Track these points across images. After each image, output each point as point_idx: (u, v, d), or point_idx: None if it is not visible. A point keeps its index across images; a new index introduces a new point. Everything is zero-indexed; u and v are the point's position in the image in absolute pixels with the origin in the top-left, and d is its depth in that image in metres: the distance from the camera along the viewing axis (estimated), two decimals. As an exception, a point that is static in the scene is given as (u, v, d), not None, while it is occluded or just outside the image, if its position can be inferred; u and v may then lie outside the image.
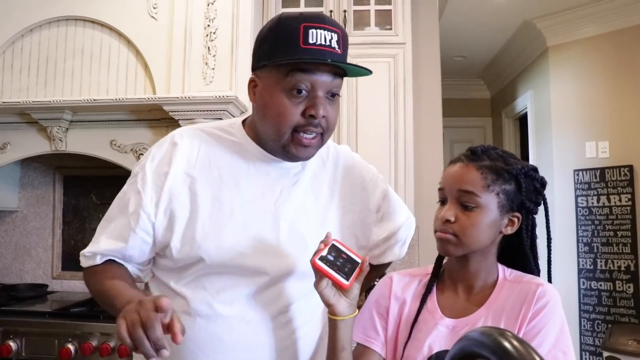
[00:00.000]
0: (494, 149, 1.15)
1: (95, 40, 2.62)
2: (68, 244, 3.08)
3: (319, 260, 1.05)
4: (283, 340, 1.22)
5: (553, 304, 1.07)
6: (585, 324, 3.92)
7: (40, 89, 2.63)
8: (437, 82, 3.19)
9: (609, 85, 3.94)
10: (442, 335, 1.12)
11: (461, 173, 1.11)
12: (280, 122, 1.14)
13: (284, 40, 1.12)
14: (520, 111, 5.11)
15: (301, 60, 1.10)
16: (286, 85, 1.12)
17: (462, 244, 1.10)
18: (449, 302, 1.17)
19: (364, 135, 2.77)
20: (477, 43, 4.85)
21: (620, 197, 3.79)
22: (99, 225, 1.25)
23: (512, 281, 1.14)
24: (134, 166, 1.26)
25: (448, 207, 1.11)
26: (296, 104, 1.13)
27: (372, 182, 1.37)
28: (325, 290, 1.08)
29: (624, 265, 3.74)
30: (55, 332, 2.32)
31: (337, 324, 1.10)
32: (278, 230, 1.21)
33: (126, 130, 2.57)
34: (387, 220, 1.37)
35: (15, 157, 2.69)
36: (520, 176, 1.11)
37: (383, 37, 2.86)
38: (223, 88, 2.45)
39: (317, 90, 1.13)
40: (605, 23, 3.94)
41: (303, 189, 1.26)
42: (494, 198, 1.09)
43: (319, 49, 1.10)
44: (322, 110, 1.13)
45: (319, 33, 1.10)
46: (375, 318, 1.21)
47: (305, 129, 1.14)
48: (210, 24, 2.50)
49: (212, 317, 1.18)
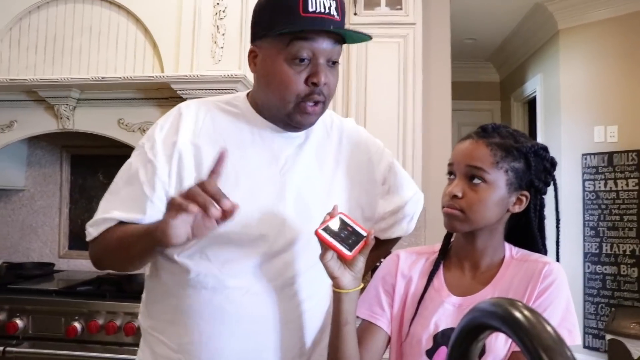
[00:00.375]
0: (505, 127, 1.15)
1: (103, 18, 2.60)
2: (75, 223, 3.08)
3: (322, 230, 1.05)
4: (289, 312, 1.22)
5: (559, 282, 1.07)
6: (589, 307, 3.94)
7: (48, 67, 2.61)
8: (447, 64, 3.17)
9: (619, 69, 3.90)
10: (449, 313, 1.12)
11: (471, 149, 1.11)
12: (284, 91, 1.15)
13: (283, 8, 1.12)
14: (529, 95, 5.07)
15: (303, 30, 1.10)
16: (288, 55, 1.13)
17: (468, 220, 1.10)
18: (455, 280, 1.17)
19: (373, 116, 2.75)
20: (487, 25, 4.81)
21: (627, 181, 3.78)
22: (104, 199, 1.22)
23: (518, 260, 1.15)
24: (141, 139, 1.26)
25: (456, 183, 1.11)
26: (298, 72, 1.14)
27: (378, 154, 1.37)
28: (330, 262, 1.08)
29: (629, 249, 3.74)
30: (61, 311, 2.33)
31: (341, 297, 1.10)
32: (284, 199, 1.21)
33: (134, 109, 2.56)
34: (393, 194, 1.37)
35: (22, 136, 2.68)
36: (530, 155, 1.10)
37: (393, 17, 2.83)
38: (232, 67, 2.42)
39: (318, 58, 1.14)
40: (617, 6, 3.89)
41: (308, 158, 1.27)
42: (503, 175, 1.09)
43: (319, 17, 1.10)
44: (324, 77, 1.14)
45: (317, 0, 1.10)
46: (382, 295, 1.21)
47: (309, 97, 1.15)
48: (220, 3, 2.47)
49: (217, 289, 1.17)
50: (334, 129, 1.34)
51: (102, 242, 1.19)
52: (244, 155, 1.21)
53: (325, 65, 1.15)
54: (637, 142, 3.77)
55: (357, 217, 1.28)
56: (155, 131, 1.22)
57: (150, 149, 1.20)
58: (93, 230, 1.20)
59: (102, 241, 1.19)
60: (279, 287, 1.20)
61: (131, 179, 1.20)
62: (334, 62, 1.17)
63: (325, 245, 1.06)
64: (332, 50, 1.15)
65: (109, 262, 1.23)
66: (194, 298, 1.18)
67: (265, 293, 1.19)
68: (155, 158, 1.18)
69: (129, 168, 1.22)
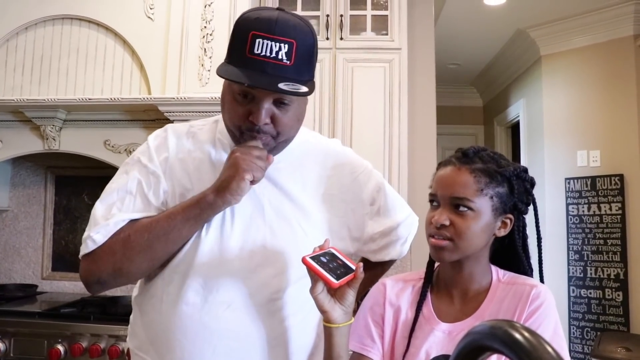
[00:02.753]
0: (485, 151, 1.14)
1: (90, 40, 2.61)
2: (59, 244, 3.05)
3: (309, 258, 1.05)
4: (274, 329, 1.20)
5: (547, 304, 1.07)
6: (575, 331, 3.95)
7: (35, 87, 2.62)
8: (431, 88, 3.20)
9: (600, 95, 3.97)
10: (439, 340, 1.11)
11: (454, 177, 1.09)
12: (228, 120, 1.19)
13: (237, 43, 1.13)
14: (513, 119, 5.14)
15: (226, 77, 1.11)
16: (233, 89, 1.15)
17: (457, 249, 1.09)
18: (444, 307, 1.16)
19: (359, 139, 2.77)
20: (470, 51, 4.89)
21: (610, 205, 3.82)
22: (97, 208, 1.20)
23: (506, 283, 1.14)
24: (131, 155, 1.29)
25: (441, 212, 1.10)
26: (241, 106, 1.15)
27: (365, 175, 1.36)
28: (320, 295, 1.07)
29: (613, 273, 3.76)
30: (44, 333, 2.30)
31: (332, 331, 1.08)
32: (263, 215, 1.22)
33: (120, 130, 2.56)
34: (384, 216, 1.36)
35: (7, 156, 2.67)
36: (513, 178, 1.10)
37: (379, 42, 2.87)
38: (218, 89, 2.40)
39: (260, 101, 1.12)
40: (597, 34, 3.99)
41: (288, 175, 1.27)
42: (488, 201, 1.08)
43: (261, 60, 1.09)
44: (264, 117, 1.13)
45: (265, 43, 1.09)
46: (371, 325, 1.19)
47: (250, 133, 1.16)
48: (207, 26, 2.50)
49: (197, 304, 1.17)
50: (319, 149, 1.35)
51: (121, 244, 1.15)
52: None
53: (271, 105, 1.14)
54: (620, 166, 3.82)
55: (344, 236, 1.29)
56: (149, 145, 1.26)
57: (148, 158, 1.23)
58: (100, 237, 1.16)
59: (120, 243, 1.15)
60: (262, 303, 1.19)
61: (132, 189, 1.21)
62: (282, 103, 1.15)
63: (313, 275, 1.06)
64: (279, 94, 1.12)
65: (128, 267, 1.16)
66: (176, 314, 1.17)
67: (247, 308, 1.18)
68: (156, 170, 1.22)
69: (128, 180, 1.22)
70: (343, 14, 2.88)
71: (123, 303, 2.58)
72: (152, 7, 2.56)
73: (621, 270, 3.72)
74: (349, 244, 1.32)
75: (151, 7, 2.56)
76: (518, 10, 3.95)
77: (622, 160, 3.81)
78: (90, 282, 1.19)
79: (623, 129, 3.82)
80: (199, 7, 2.53)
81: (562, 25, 4.10)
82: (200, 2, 2.54)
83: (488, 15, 4.07)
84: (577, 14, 3.96)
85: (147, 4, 2.57)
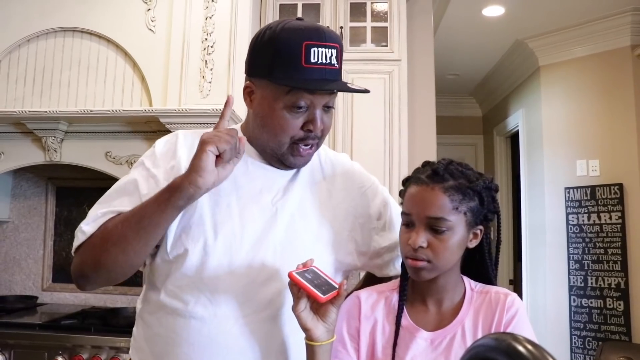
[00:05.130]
0: (453, 165, 1.15)
1: (92, 52, 2.62)
2: (59, 256, 3.05)
3: (296, 273, 1.06)
4: (280, 344, 1.21)
5: (522, 311, 1.11)
6: (576, 341, 3.93)
7: (36, 99, 2.63)
8: (431, 99, 3.22)
9: (599, 104, 3.99)
10: (422, 349, 1.12)
11: (428, 198, 1.10)
12: (280, 134, 1.19)
13: (285, 57, 1.14)
14: (512, 129, 5.15)
15: (303, 87, 1.13)
16: (287, 102, 1.16)
17: (435, 268, 1.10)
18: (421, 315, 1.17)
19: (359, 151, 2.78)
20: (469, 61, 4.91)
21: (610, 215, 3.83)
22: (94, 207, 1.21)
23: (479, 292, 1.17)
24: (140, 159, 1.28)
25: (417, 233, 1.10)
26: (296, 118, 1.17)
27: (372, 189, 1.38)
28: (303, 313, 1.08)
29: (614, 282, 3.76)
30: (45, 345, 2.29)
31: (315, 349, 1.08)
32: (275, 228, 1.22)
33: (121, 142, 2.57)
34: (390, 231, 1.36)
35: (9, 167, 2.68)
36: (483, 191, 1.12)
37: (379, 54, 2.89)
38: (220, 101, 2.45)
39: (316, 107, 1.17)
40: (596, 44, 4.01)
41: (301, 189, 1.28)
42: (462, 218, 1.10)
43: (320, 68, 1.13)
44: (320, 124, 1.18)
45: (320, 51, 1.13)
46: (346, 339, 1.18)
47: (304, 141, 1.19)
48: (208, 38, 2.52)
49: (206, 318, 1.17)
50: (328, 163, 1.36)
51: (99, 236, 1.16)
52: (236, 184, 1.22)
53: (321, 110, 1.19)
54: (619, 175, 3.82)
55: (351, 250, 1.30)
56: (155, 150, 1.26)
57: (152, 164, 1.23)
58: (89, 228, 1.17)
59: (99, 235, 1.16)
60: (270, 317, 1.20)
61: (129, 189, 1.21)
62: (329, 107, 1.21)
63: (295, 292, 1.07)
64: (330, 98, 1.19)
65: (105, 259, 1.15)
66: (183, 328, 1.17)
67: (255, 323, 1.18)
68: (158, 174, 1.21)
69: (127, 181, 1.23)
70: (343, 25, 2.90)
71: (124, 314, 2.58)
72: (154, 19, 2.58)
73: (622, 280, 3.72)
74: (356, 259, 1.32)
75: (152, 20, 2.58)
76: (517, 21, 3.97)
77: (621, 170, 3.82)
78: (76, 275, 1.21)
79: (622, 138, 3.83)
80: (200, 19, 2.55)
81: (560, 35, 4.12)
82: (201, 15, 2.55)
83: (487, 26, 4.09)
84: (575, 25, 3.98)
85: (149, 17, 2.58)
